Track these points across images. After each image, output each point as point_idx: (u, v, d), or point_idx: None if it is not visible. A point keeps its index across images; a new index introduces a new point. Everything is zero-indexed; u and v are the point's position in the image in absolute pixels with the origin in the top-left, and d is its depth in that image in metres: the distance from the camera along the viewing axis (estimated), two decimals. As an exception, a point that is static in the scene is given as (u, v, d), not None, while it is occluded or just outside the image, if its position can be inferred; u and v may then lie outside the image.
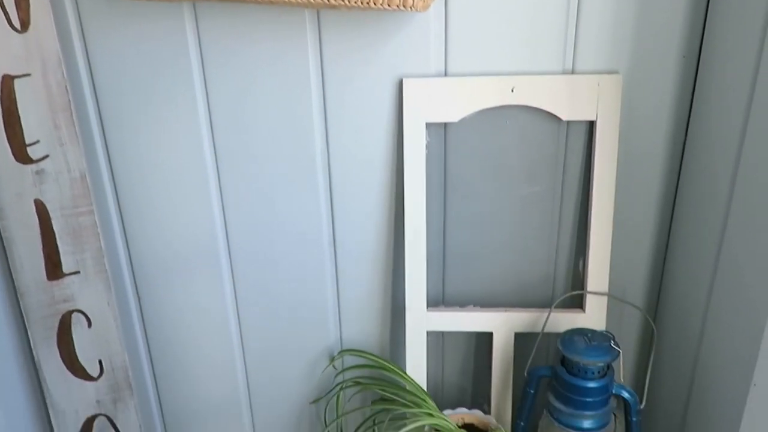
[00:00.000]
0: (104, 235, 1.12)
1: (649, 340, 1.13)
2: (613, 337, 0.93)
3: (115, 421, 1.23)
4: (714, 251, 0.92)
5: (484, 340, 1.17)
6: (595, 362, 0.90)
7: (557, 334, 1.16)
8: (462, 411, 1.14)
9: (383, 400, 1.17)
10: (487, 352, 1.15)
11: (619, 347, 0.92)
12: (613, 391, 0.93)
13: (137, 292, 1.22)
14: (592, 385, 0.92)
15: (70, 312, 1.14)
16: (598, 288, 1.08)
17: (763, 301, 0.78)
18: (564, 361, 0.95)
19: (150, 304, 1.23)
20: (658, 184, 1.06)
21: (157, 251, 1.17)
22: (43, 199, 1.07)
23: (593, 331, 0.95)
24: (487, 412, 1.14)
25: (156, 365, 1.29)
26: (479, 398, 1.23)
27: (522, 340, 1.13)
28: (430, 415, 1.09)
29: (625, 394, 0.93)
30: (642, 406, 0.94)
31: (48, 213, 1.08)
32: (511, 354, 1.12)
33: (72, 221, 1.09)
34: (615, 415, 0.97)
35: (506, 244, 1.12)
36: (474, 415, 1.13)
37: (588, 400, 0.92)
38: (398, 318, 1.20)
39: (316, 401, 1.31)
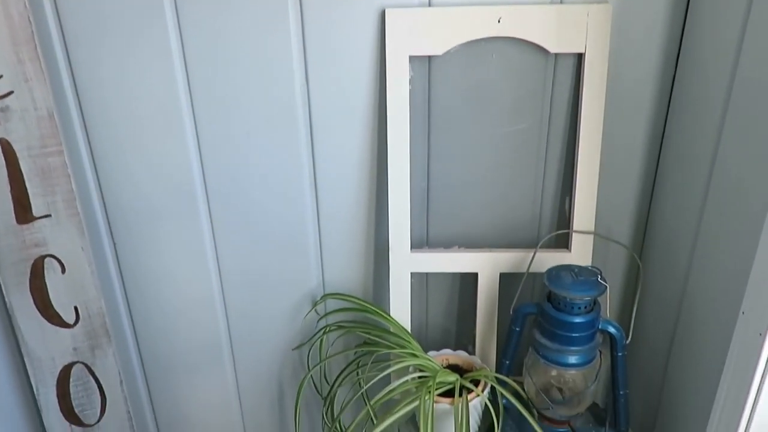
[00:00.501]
0: (75, 177, 1.08)
1: (635, 278, 1.12)
2: (600, 272, 0.92)
3: (93, 368, 1.21)
4: (703, 185, 0.90)
5: (469, 281, 1.16)
6: (582, 297, 0.89)
7: (543, 274, 1.16)
8: (446, 352, 1.13)
9: (367, 343, 1.16)
10: (471, 293, 1.14)
11: (606, 282, 0.91)
12: (600, 327, 0.93)
13: (112, 236, 1.18)
14: (578, 320, 0.91)
15: (43, 257, 1.10)
16: (584, 227, 1.06)
17: (751, 230, 0.77)
18: (550, 297, 0.94)
19: (126, 249, 1.19)
20: (646, 119, 1.04)
21: (132, 193, 1.13)
22: (9, 139, 1.02)
23: (580, 267, 0.93)
24: (471, 353, 1.13)
25: (134, 311, 1.26)
26: (463, 340, 1.22)
27: (507, 281, 1.11)
28: (414, 356, 1.08)
29: (612, 330, 0.93)
30: (628, 341, 0.93)
31: (15, 153, 1.04)
32: (496, 294, 1.11)
33: (41, 162, 1.04)
34: (600, 351, 0.97)
35: (491, 183, 1.10)
36: (459, 356, 1.12)
37: (574, 335, 0.91)
38: (381, 260, 1.18)
39: (299, 347, 1.29)
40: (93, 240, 1.17)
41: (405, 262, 1.10)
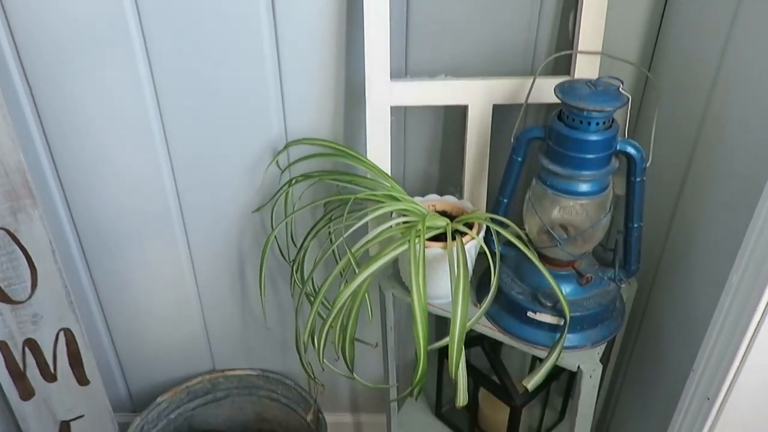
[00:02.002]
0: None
1: (649, 101, 0.99)
2: (622, 82, 0.78)
3: (16, 234, 1.02)
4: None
5: (457, 116, 1.01)
6: (603, 108, 0.75)
7: (542, 107, 1.02)
8: (433, 198, 0.99)
9: (340, 193, 1.01)
10: (460, 131, 1.00)
11: (627, 94, 0.77)
12: (618, 148, 0.80)
13: (26, 78, 0.97)
14: (595, 138, 0.78)
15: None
16: (590, 48, 0.92)
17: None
18: (561, 115, 0.80)
19: (44, 92, 0.99)
20: None
21: (53, 28, 0.92)
22: None
23: (596, 79, 0.79)
24: (459, 199, 1.00)
25: (61, 170, 1.07)
26: (449, 186, 1.09)
27: (500, 116, 0.97)
28: (397, 200, 0.94)
29: (631, 150, 0.80)
30: (648, 164, 0.81)
31: None
32: (489, 131, 0.97)
33: None
34: (612, 180, 0.85)
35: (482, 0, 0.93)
36: (447, 202, 0.99)
37: (589, 157, 0.79)
38: (354, 99, 1.01)
39: (260, 209, 1.14)
40: (1, 80, 0.96)
41: (383, 93, 0.94)
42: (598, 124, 0.77)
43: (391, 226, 0.91)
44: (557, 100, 0.80)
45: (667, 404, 0.97)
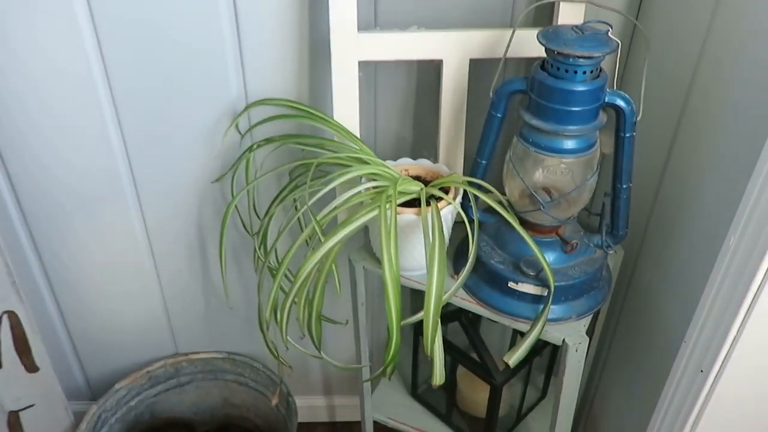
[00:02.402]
0: None
1: (637, 52, 0.92)
2: (611, 26, 0.71)
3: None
4: None
5: (431, 72, 0.93)
6: (591, 54, 0.68)
7: (522, 62, 0.94)
8: (406, 162, 0.92)
9: (305, 158, 0.92)
10: (434, 89, 0.92)
11: (617, 39, 0.70)
12: (606, 100, 0.73)
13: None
14: (582, 88, 0.71)
15: None
16: (573, -5, 0.85)
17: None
18: (545, 65, 0.73)
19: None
20: None
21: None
22: None
23: (583, 23, 0.72)
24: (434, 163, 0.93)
25: (-4, 135, 0.98)
26: (423, 150, 1.01)
27: (477, 71, 0.90)
28: (366, 163, 0.86)
29: (620, 103, 0.73)
30: (639, 118, 0.75)
31: None
32: (465, 88, 0.90)
33: None
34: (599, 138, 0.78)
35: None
36: (421, 166, 0.91)
37: (575, 110, 0.72)
38: (319, 54, 0.93)
39: (219, 179, 1.05)
40: None
41: (350, 47, 0.86)
42: (585, 72, 0.70)
43: (360, 192, 0.83)
44: (539, 54, 0.73)
45: (656, 378, 0.91)
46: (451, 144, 0.93)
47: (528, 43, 0.85)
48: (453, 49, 0.87)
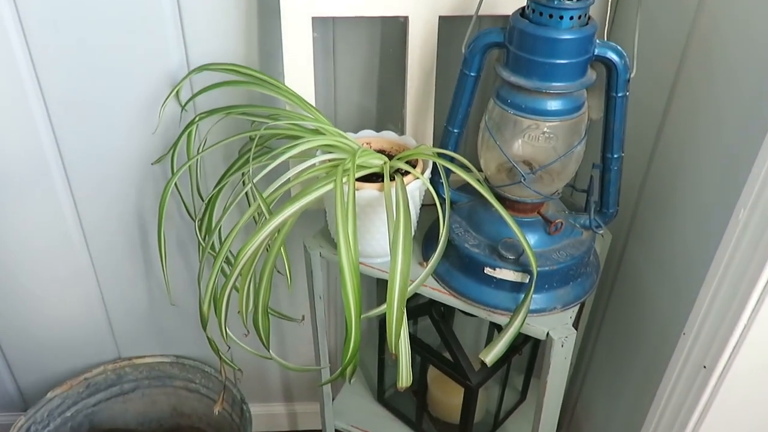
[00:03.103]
0: None
1: (628, 1, 0.83)
2: (599, -35, 0.62)
3: None
4: None
5: (396, 31, 0.83)
6: (578, -6, 0.58)
7: (497, 20, 0.84)
8: (367, 134, 0.81)
9: (254, 131, 0.81)
10: (400, 51, 0.82)
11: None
12: (596, 52, 0.63)
13: None
14: (568, 36, 0.60)
15: None
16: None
17: None
18: (525, 11, 0.63)
19: None
20: None
21: None
22: None
23: (568, -37, 0.62)
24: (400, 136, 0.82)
25: None
26: (388, 123, 0.91)
27: (447, 31, 0.79)
28: (321, 134, 0.75)
29: (612, 55, 0.63)
30: (633, 75, 0.65)
31: None
32: (434, 49, 0.79)
33: None
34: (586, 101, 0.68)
35: None
36: (384, 139, 0.81)
37: (561, 62, 0.61)
38: (270, 11, 0.82)
39: (159, 160, 0.93)
40: None
41: (303, 1, 0.75)
42: (572, 18, 0.60)
43: (315, 165, 0.72)
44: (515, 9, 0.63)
45: (650, 375, 0.82)
46: (419, 114, 0.82)
47: (502, 1, 0.75)
48: (420, 4, 0.77)
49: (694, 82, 0.70)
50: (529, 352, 0.98)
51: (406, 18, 0.77)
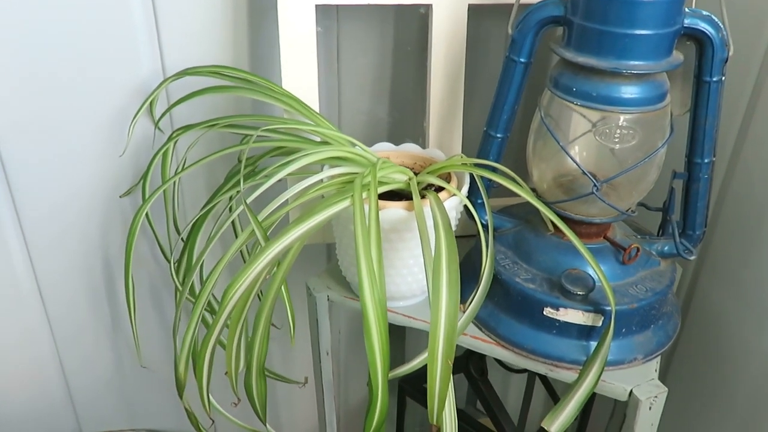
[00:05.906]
0: None
1: None
2: None
3: None
4: None
5: (416, 23, 0.69)
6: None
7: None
8: (385, 147, 0.66)
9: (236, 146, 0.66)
10: (420, 47, 0.68)
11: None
12: (686, 23, 0.49)
13: None
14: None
15: None
16: None
17: None
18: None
19: None
20: None
21: None
22: None
23: None
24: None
25: None
26: (404, 134, 0.76)
27: (478, 23, 0.66)
28: (327, 144, 0.60)
29: (707, 27, 0.50)
30: (731, 53, 0.51)
31: None
32: (463, 44, 0.65)
33: None
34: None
35: None
36: (404, 152, 0.65)
37: (643, 33, 0.47)
38: (261, 13, 0.68)
39: (128, 192, 0.78)
40: None
41: (304, -16, 0.61)
42: (658, -22, 0.47)
43: (321, 181, 0.57)
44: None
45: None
46: (444, 124, 0.68)
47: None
48: (446, -10, 0.63)
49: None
50: (579, 415, 0.81)
51: (428, 7, 0.64)
